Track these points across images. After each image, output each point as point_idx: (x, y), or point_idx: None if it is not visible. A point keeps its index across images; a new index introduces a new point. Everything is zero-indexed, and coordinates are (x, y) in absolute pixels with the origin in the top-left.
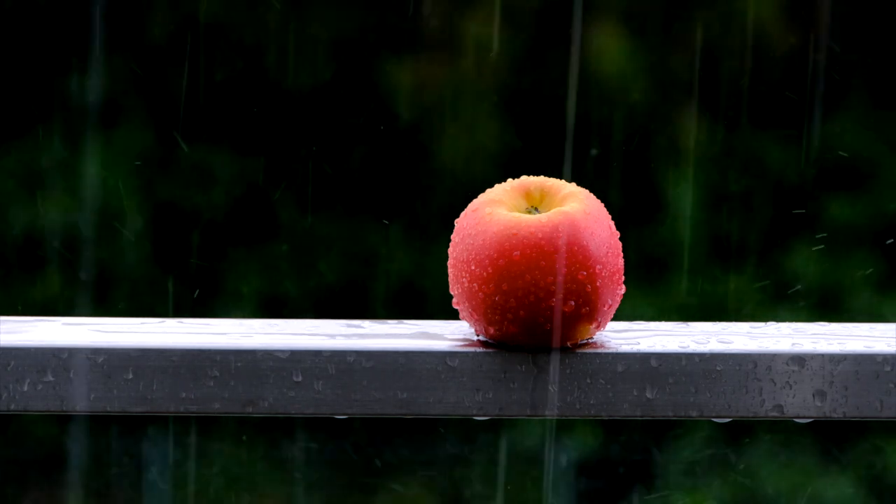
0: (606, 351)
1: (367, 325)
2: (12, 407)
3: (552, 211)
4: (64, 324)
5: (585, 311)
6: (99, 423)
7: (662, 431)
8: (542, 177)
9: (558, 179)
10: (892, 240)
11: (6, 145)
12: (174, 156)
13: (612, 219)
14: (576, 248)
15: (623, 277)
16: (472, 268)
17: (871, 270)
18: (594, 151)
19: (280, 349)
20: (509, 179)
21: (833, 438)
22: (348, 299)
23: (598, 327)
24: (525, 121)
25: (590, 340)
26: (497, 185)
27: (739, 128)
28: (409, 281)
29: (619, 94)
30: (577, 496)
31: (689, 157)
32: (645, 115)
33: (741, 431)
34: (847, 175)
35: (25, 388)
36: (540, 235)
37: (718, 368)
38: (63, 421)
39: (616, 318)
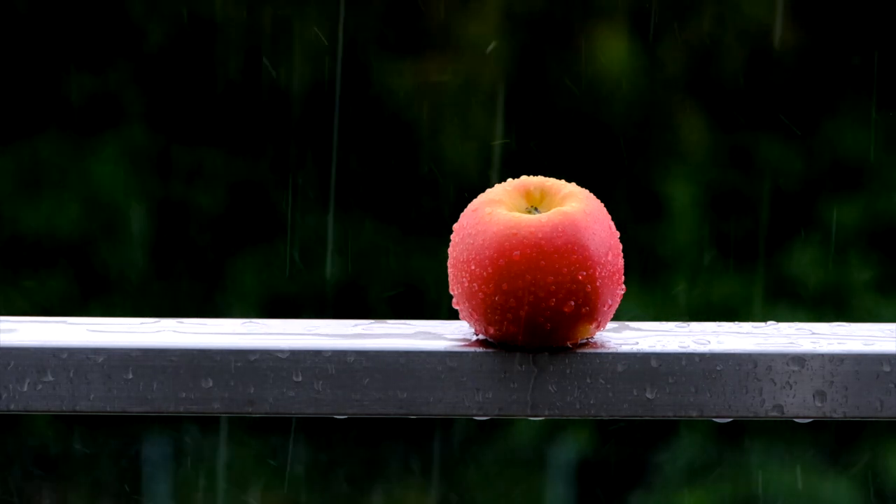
0: (606, 351)
1: (367, 325)
2: (12, 407)
3: (552, 211)
4: (64, 324)
5: (585, 311)
6: (99, 423)
7: (662, 431)
8: (541, 177)
9: (558, 179)
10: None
11: (7, 145)
12: (175, 155)
13: (612, 219)
14: (576, 248)
15: (623, 277)
16: (472, 268)
17: (870, 271)
18: (594, 151)
19: (280, 349)
20: (509, 179)
21: (833, 438)
22: (348, 299)
23: (598, 327)
24: (526, 120)
25: (590, 340)
26: (497, 185)
27: (739, 128)
28: (409, 281)
29: (620, 94)
30: (575, 496)
31: (689, 157)
32: (645, 114)
33: (740, 431)
34: (847, 176)
35: (25, 388)
36: (540, 235)
37: (718, 368)
38: (63, 421)
39: (616, 318)
